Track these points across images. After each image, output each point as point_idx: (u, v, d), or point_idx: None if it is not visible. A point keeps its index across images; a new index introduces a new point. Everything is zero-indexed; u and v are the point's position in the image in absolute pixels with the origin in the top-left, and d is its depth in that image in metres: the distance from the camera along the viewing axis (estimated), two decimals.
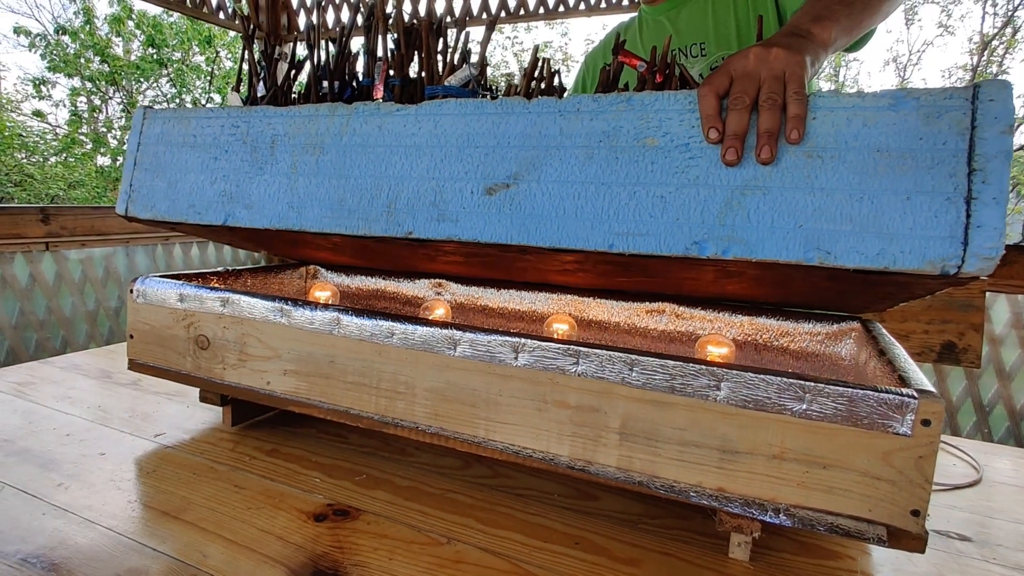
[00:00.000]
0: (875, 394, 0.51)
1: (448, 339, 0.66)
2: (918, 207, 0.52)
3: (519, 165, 0.66)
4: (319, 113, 0.76)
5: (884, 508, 0.52)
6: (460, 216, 0.69)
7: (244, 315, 0.78)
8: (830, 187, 0.55)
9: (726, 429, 0.56)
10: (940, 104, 0.51)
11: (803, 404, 0.53)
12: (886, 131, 0.53)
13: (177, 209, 0.86)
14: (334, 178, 0.75)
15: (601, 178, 0.63)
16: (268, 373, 0.77)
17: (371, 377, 0.71)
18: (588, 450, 0.61)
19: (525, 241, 0.66)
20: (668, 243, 0.60)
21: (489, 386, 0.64)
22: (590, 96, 0.63)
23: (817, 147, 0.55)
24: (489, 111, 0.67)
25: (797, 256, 0.56)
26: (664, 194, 0.60)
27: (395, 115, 0.72)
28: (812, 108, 0.55)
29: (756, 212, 0.57)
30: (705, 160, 0.59)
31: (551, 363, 0.61)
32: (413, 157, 0.71)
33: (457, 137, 0.69)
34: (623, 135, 0.61)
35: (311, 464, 0.79)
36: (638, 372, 0.58)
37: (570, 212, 0.64)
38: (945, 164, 0.51)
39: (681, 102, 0.59)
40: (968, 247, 0.51)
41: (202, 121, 0.83)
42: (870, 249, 0.54)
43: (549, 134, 0.64)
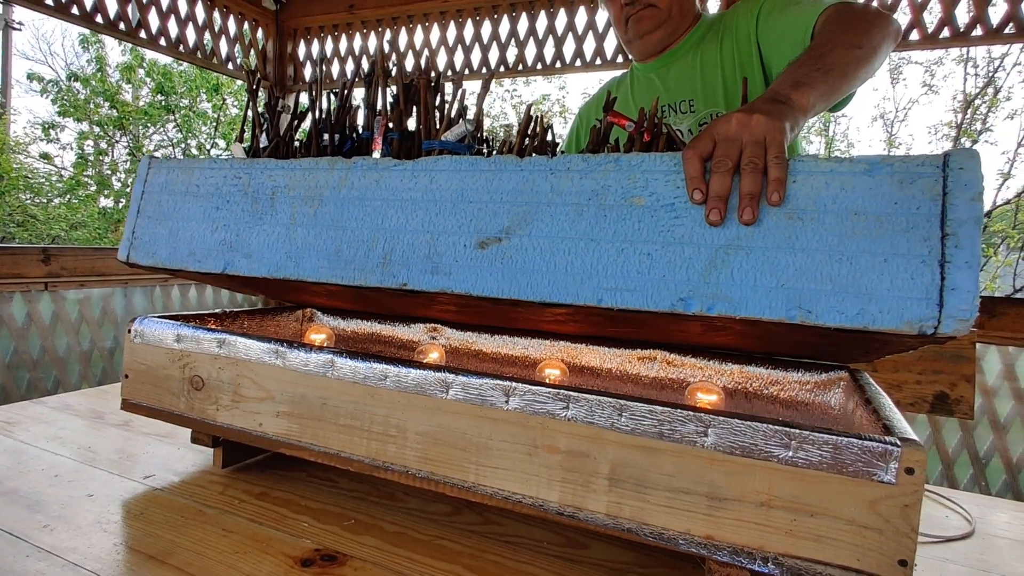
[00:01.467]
0: (859, 442, 0.52)
1: (440, 382, 0.67)
2: (895, 269, 0.54)
3: (511, 220, 0.68)
4: (319, 167, 0.79)
5: (872, 558, 0.52)
6: (453, 269, 0.70)
7: (239, 356, 0.79)
8: (810, 248, 0.57)
9: (714, 476, 0.56)
10: (913, 171, 0.54)
11: (789, 451, 0.54)
12: (863, 195, 0.55)
13: (177, 256, 0.87)
14: (331, 229, 0.77)
15: (590, 234, 0.65)
16: (261, 415, 0.78)
17: (363, 420, 0.71)
18: (578, 496, 0.61)
19: (516, 295, 0.67)
20: (655, 299, 0.62)
21: (480, 430, 0.65)
22: (580, 156, 0.65)
23: (797, 209, 0.57)
24: (483, 168, 0.70)
25: (779, 314, 0.58)
26: (651, 251, 0.62)
27: (392, 170, 0.74)
28: (792, 172, 0.57)
29: (740, 271, 0.59)
30: (690, 219, 0.61)
31: (541, 407, 0.62)
32: (409, 211, 0.73)
33: (452, 192, 0.71)
34: (611, 194, 0.64)
35: (300, 508, 0.78)
36: (627, 417, 0.59)
37: (560, 267, 0.66)
38: (919, 228, 0.54)
39: (666, 163, 0.62)
40: (944, 308, 0.53)
41: (205, 171, 0.86)
42: (850, 309, 0.55)
43: (540, 191, 0.67)
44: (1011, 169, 7.26)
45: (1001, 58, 7.14)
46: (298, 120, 0.93)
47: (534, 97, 9.88)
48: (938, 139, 8.09)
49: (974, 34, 2.21)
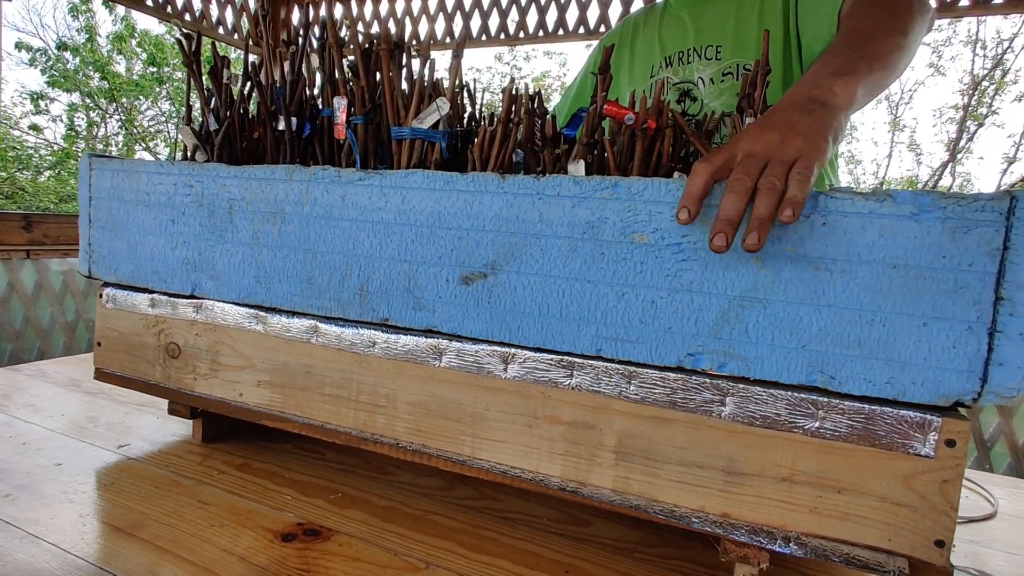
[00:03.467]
0: (894, 411, 0.47)
1: (433, 349, 0.62)
2: (935, 335, 0.46)
3: (496, 253, 0.60)
4: (276, 177, 0.70)
5: (905, 538, 0.47)
6: (437, 306, 0.63)
7: (217, 322, 0.74)
8: (838, 305, 0.49)
9: (731, 448, 0.52)
10: (969, 217, 0.45)
11: (816, 422, 0.49)
12: (905, 244, 0.47)
13: (141, 275, 0.80)
14: (300, 252, 0.69)
15: (586, 275, 0.57)
16: (241, 384, 0.74)
17: (350, 389, 0.67)
18: (581, 470, 0.57)
19: (507, 339, 0.60)
20: (660, 353, 0.55)
21: (476, 400, 0.61)
22: (571, 179, 0.57)
23: (826, 257, 0.49)
24: (460, 187, 0.61)
25: (798, 379, 0.51)
26: (655, 299, 0.54)
27: (358, 185, 0.66)
28: (823, 211, 0.49)
29: (756, 327, 0.51)
30: (699, 264, 0.53)
31: (543, 375, 0.58)
32: (382, 235, 0.65)
33: (427, 215, 0.62)
34: (609, 227, 0.55)
35: (283, 481, 0.73)
36: (636, 385, 0.54)
37: (554, 311, 0.58)
38: (969, 289, 0.45)
39: (672, 193, 0.53)
40: (987, 384, 0.46)
41: (152, 177, 0.77)
42: (879, 377, 0.48)
43: (527, 219, 0.58)
44: (1016, 152, 7.13)
45: (1011, 39, 6.96)
46: (244, 97, 0.83)
47: (535, 73, 9.66)
48: (943, 122, 7.93)
49: (994, 1, 2.12)
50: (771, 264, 0.51)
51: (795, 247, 0.50)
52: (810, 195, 0.49)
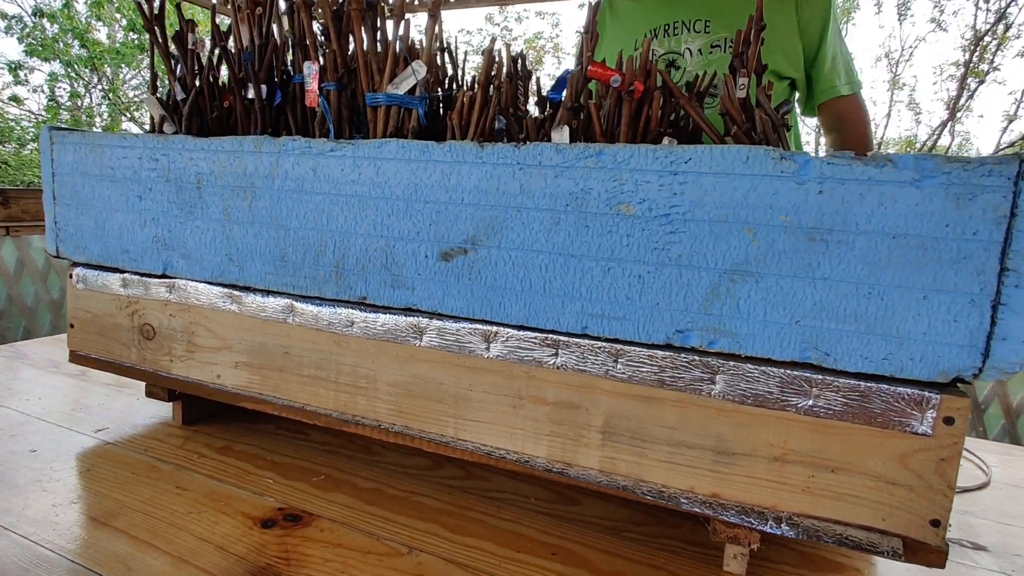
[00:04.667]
0: (891, 388, 0.46)
1: (413, 328, 0.60)
2: (935, 308, 0.44)
3: (475, 227, 0.57)
4: (244, 149, 0.66)
5: (900, 517, 0.46)
6: (416, 283, 0.60)
7: (191, 302, 0.72)
8: (834, 278, 0.46)
9: (722, 428, 0.51)
10: (975, 183, 0.42)
11: (809, 400, 0.48)
12: (906, 212, 0.44)
13: (110, 253, 0.77)
14: (272, 228, 0.66)
15: (570, 249, 0.54)
16: (218, 365, 0.72)
17: (329, 370, 0.66)
18: (568, 451, 0.56)
19: (489, 317, 0.58)
20: (648, 330, 0.52)
21: (458, 380, 0.59)
22: (553, 147, 0.54)
23: (822, 228, 0.46)
24: (436, 158, 0.58)
25: (791, 355, 0.48)
26: (642, 273, 0.52)
27: (330, 156, 0.62)
28: (818, 177, 0.46)
29: (747, 302, 0.49)
30: (688, 236, 0.50)
31: (527, 355, 0.56)
32: (356, 209, 0.62)
33: (403, 188, 0.59)
34: (593, 198, 0.52)
35: (265, 463, 0.72)
36: (623, 364, 0.52)
37: (537, 287, 0.55)
38: (973, 259, 0.43)
39: (660, 161, 0.50)
40: (988, 359, 0.44)
41: (116, 151, 0.73)
42: (876, 353, 0.46)
43: (508, 191, 0.55)
44: (1017, 110, 7.02)
45: None
46: (213, 63, 0.78)
47: (528, 35, 9.40)
48: (944, 79, 7.79)
49: None
50: (764, 235, 0.48)
51: (789, 216, 0.47)
52: (806, 160, 0.46)
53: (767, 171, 0.47)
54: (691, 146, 0.49)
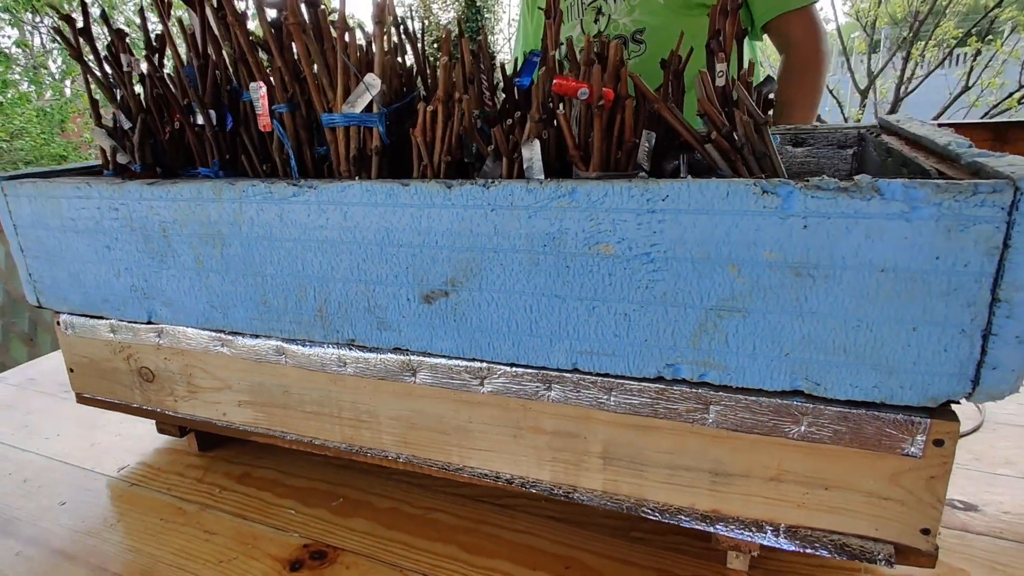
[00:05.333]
0: (880, 414, 0.47)
1: (405, 366, 0.61)
2: (925, 339, 0.43)
3: (453, 269, 0.55)
4: (203, 197, 0.63)
5: (892, 527, 0.49)
6: (401, 325, 0.60)
7: (183, 346, 0.73)
8: (822, 312, 0.45)
9: (718, 452, 0.52)
10: (967, 214, 0.40)
11: (801, 426, 0.49)
12: (894, 246, 0.42)
13: (92, 303, 0.76)
14: (248, 275, 0.64)
15: (553, 290, 0.52)
16: (222, 404, 0.74)
17: (330, 406, 0.68)
18: (571, 475, 0.59)
19: (479, 356, 0.58)
20: (638, 365, 0.52)
21: (457, 413, 0.61)
22: (523, 186, 0.51)
23: (808, 263, 0.45)
24: (404, 201, 0.55)
25: (782, 386, 0.49)
26: (628, 312, 0.51)
27: (293, 202, 0.59)
28: (802, 212, 0.44)
29: (735, 336, 0.48)
30: (671, 274, 0.48)
31: (520, 390, 0.57)
32: (330, 255, 0.60)
33: (374, 232, 0.57)
34: (571, 239, 0.50)
35: (284, 490, 0.75)
36: (616, 396, 0.54)
37: (524, 327, 0.55)
38: (964, 290, 0.42)
39: (636, 199, 0.47)
40: (978, 386, 0.44)
41: (73, 202, 0.70)
42: (865, 382, 0.46)
43: (482, 233, 0.53)
44: None
45: None
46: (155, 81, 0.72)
47: None
48: None
49: None
50: (748, 272, 0.46)
51: (773, 252, 0.45)
52: (789, 193, 0.44)
53: (748, 207, 0.45)
54: (667, 182, 0.46)
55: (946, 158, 0.51)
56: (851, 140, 0.76)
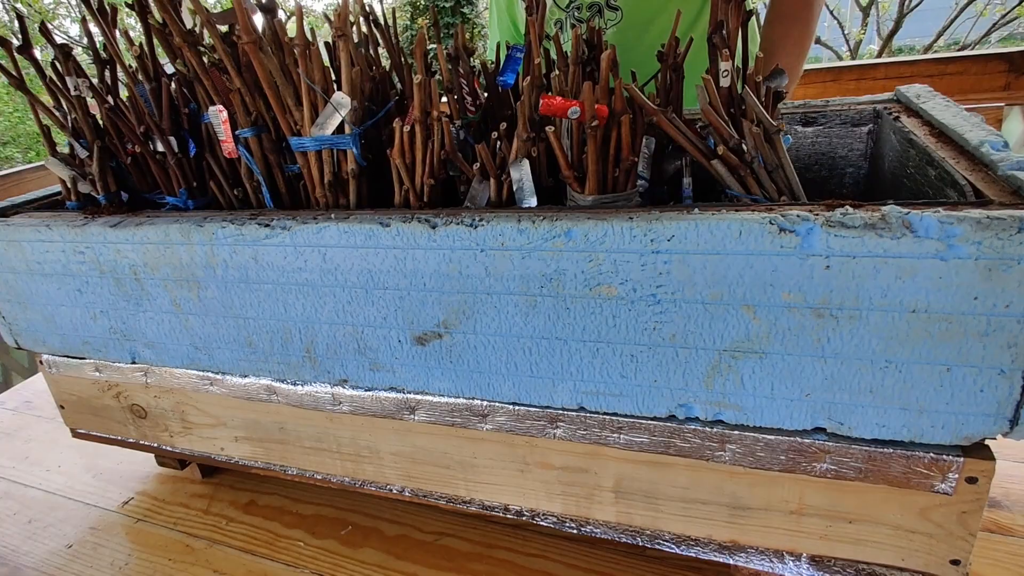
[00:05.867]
0: (909, 453, 0.44)
1: (403, 404, 0.59)
2: (959, 380, 0.40)
3: (445, 312, 0.51)
4: (171, 240, 0.59)
5: (919, 557, 0.47)
6: (395, 366, 0.56)
7: (171, 385, 0.70)
8: (846, 354, 0.42)
9: (735, 488, 0.50)
10: (1011, 253, 0.36)
11: (823, 464, 0.47)
12: (928, 287, 0.38)
13: (72, 345, 0.73)
14: (229, 319, 0.61)
15: (553, 332, 0.49)
16: (219, 440, 0.72)
17: (329, 442, 0.65)
18: (583, 508, 0.57)
19: (480, 396, 0.55)
20: (648, 405, 0.49)
21: (461, 449, 0.59)
22: (515, 227, 0.46)
23: (831, 304, 0.41)
24: (386, 244, 0.50)
25: (803, 425, 0.46)
26: (635, 353, 0.47)
27: (267, 245, 0.55)
28: (824, 250, 0.39)
29: (752, 377, 0.45)
30: (681, 316, 0.44)
31: (525, 428, 0.55)
32: (312, 298, 0.56)
33: (357, 275, 0.53)
34: (569, 280, 0.46)
35: (291, 519, 0.73)
36: (626, 434, 0.51)
37: (524, 368, 0.51)
38: (1004, 331, 0.38)
39: (639, 240, 0.43)
40: (1017, 425, 0.40)
41: (36, 246, 0.66)
42: (894, 423, 0.43)
43: (472, 275, 0.49)
44: None
45: None
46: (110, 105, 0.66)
47: None
48: None
49: None
50: (765, 314, 0.42)
51: (792, 293, 0.41)
52: (809, 231, 0.39)
53: (764, 248, 0.40)
54: (672, 221, 0.42)
55: (979, 163, 0.46)
56: (866, 117, 0.70)
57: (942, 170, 0.48)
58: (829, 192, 0.75)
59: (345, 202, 0.61)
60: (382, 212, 0.54)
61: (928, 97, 0.63)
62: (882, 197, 0.65)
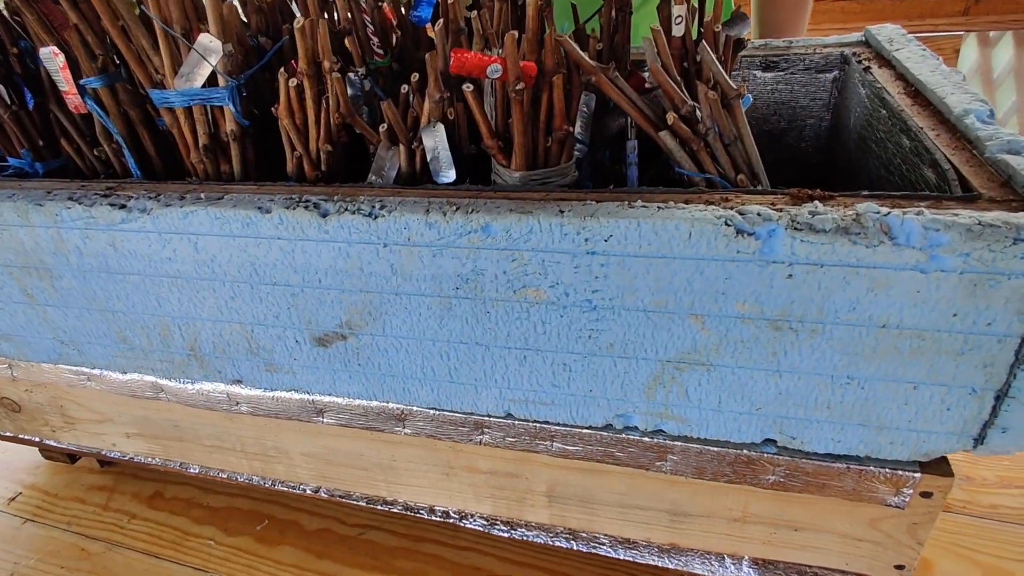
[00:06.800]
0: (864, 468, 0.40)
1: (310, 406, 0.52)
2: (925, 399, 0.36)
3: (347, 312, 0.43)
4: (7, 222, 0.48)
5: (864, 561, 0.45)
6: (295, 368, 0.49)
7: (43, 380, 0.61)
8: (804, 369, 0.36)
9: (676, 495, 0.47)
10: (1001, 267, 0.30)
11: (771, 476, 0.43)
12: (903, 301, 0.33)
13: None
14: (95, 312, 0.51)
15: (472, 337, 0.42)
16: (108, 435, 0.64)
17: (231, 441, 0.59)
18: (514, 510, 0.53)
19: (394, 400, 0.48)
20: (582, 414, 0.44)
21: (379, 452, 0.53)
22: (423, 220, 0.38)
23: (790, 317, 0.35)
24: (267, 234, 0.41)
25: (752, 438, 0.41)
26: (568, 362, 0.41)
27: (126, 232, 0.45)
28: (786, 257, 0.33)
29: (698, 390, 0.39)
30: (620, 325, 0.38)
31: (446, 433, 0.49)
32: (188, 291, 0.47)
33: (237, 268, 0.44)
34: (489, 282, 0.39)
35: (202, 513, 0.66)
36: (560, 443, 0.46)
37: (442, 373, 0.45)
38: (982, 350, 0.33)
39: (571, 239, 0.36)
40: (980, 444, 0.37)
41: None
42: (850, 439, 0.39)
43: (376, 272, 0.41)
44: None
45: None
46: None
47: None
48: None
49: None
50: (715, 324, 0.36)
51: (748, 303, 0.35)
52: (771, 233, 0.33)
53: (717, 252, 0.34)
54: (611, 216, 0.34)
55: (962, 137, 0.40)
56: (832, 62, 0.62)
57: (920, 144, 0.41)
58: (787, 145, 0.68)
59: (228, 169, 0.51)
60: (265, 189, 0.44)
61: (902, 43, 0.56)
62: (846, 157, 0.59)
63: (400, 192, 0.41)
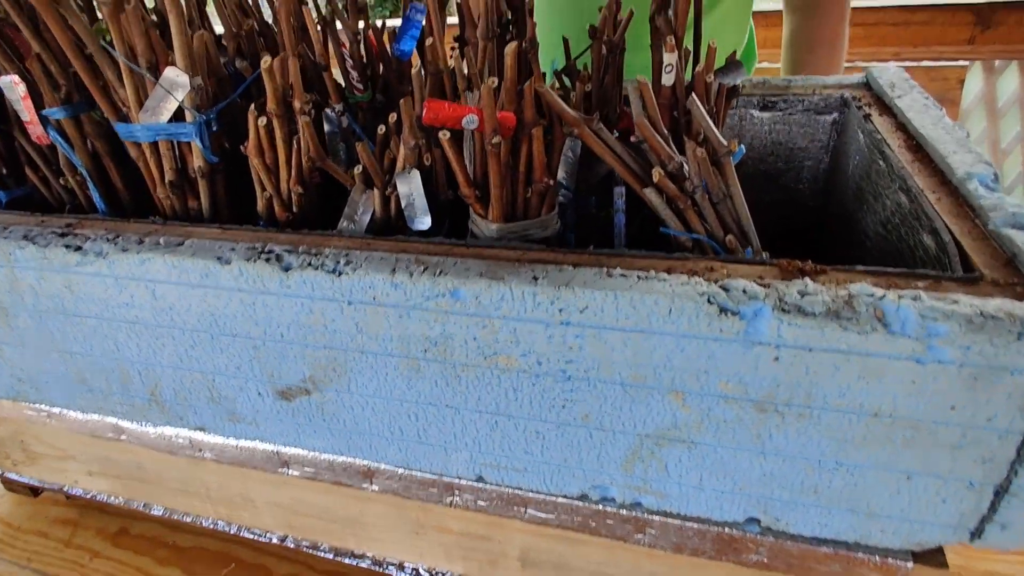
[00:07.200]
0: (852, 554, 0.38)
1: (275, 457, 0.50)
2: (920, 490, 0.33)
3: (311, 367, 0.41)
4: None
5: None
6: (258, 419, 0.46)
7: (3, 414, 0.59)
8: (790, 453, 0.34)
9: (654, 567, 0.44)
10: (1004, 363, 0.28)
11: (754, 555, 0.41)
12: (897, 390, 0.30)
13: None
14: (52, 352, 0.49)
15: (443, 400, 0.39)
16: (70, 472, 0.62)
17: (196, 486, 0.56)
18: (486, 571, 0.50)
19: (364, 457, 0.46)
20: (557, 483, 0.41)
21: (346, 506, 0.51)
22: (388, 281, 0.35)
23: (776, 400, 0.32)
24: (227, 285, 0.39)
25: (735, 517, 0.39)
26: (541, 430, 0.38)
27: (79, 273, 0.42)
28: (773, 340, 0.31)
29: (678, 466, 0.37)
30: (595, 396, 0.36)
31: (416, 493, 0.47)
32: (147, 338, 0.44)
33: (197, 318, 0.41)
34: (458, 346, 0.36)
35: (167, 553, 0.63)
36: (534, 510, 0.44)
37: (411, 434, 0.42)
38: (981, 445, 0.31)
39: (544, 307, 0.33)
40: (977, 539, 0.34)
41: None
42: (838, 524, 0.36)
43: (340, 330, 0.38)
44: None
45: None
46: None
47: None
48: None
49: None
50: (696, 402, 0.34)
51: (731, 383, 0.33)
52: (756, 313, 0.30)
53: (699, 331, 0.31)
54: (587, 287, 0.32)
55: (964, 203, 0.38)
56: (832, 104, 0.60)
57: (919, 207, 0.39)
58: (784, 186, 0.66)
59: (196, 205, 0.48)
60: (229, 235, 0.42)
61: (904, 89, 0.54)
62: (843, 204, 0.57)
63: (370, 244, 0.39)
